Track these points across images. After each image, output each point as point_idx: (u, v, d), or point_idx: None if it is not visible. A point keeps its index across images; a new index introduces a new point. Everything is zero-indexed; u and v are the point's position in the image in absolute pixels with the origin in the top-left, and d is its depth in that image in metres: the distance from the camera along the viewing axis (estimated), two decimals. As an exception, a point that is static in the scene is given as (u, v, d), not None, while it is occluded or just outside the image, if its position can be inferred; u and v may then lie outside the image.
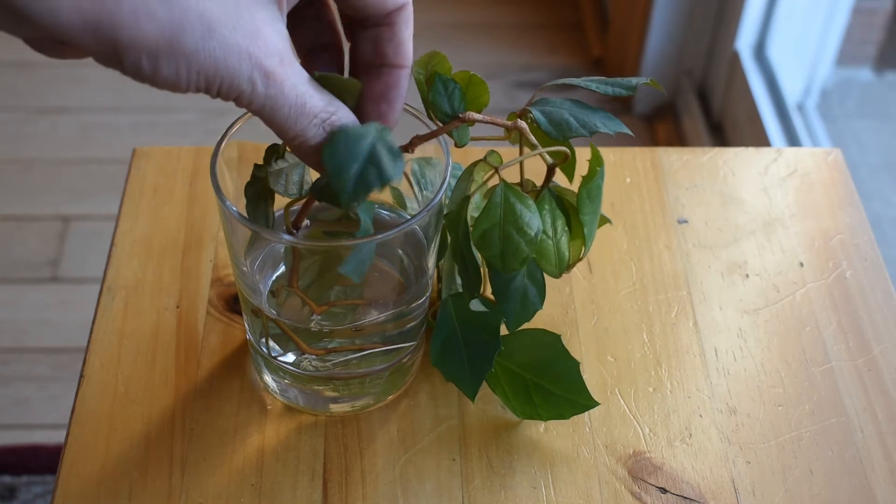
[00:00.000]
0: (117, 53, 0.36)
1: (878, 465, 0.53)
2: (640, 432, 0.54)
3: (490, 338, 0.50)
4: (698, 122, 1.59)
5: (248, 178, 0.47)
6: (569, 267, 0.52)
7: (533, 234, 0.48)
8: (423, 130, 0.47)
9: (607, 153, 0.67)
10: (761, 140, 1.41)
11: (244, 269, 0.50)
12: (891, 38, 1.59)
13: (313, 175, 0.48)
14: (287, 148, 0.46)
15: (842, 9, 1.44)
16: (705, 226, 0.64)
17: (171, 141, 1.63)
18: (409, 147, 0.46)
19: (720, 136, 1.56)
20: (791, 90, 1.47)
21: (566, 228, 0.51)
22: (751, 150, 0.69)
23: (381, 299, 0.53)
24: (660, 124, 1.67)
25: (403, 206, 0.54)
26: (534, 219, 0.48)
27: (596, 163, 0.50)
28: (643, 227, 0.64)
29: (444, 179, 0.47)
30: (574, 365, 0.52)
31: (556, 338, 0.52)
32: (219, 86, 0.38)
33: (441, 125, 0.47)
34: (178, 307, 0.58)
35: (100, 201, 1.53)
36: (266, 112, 0.40)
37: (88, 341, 0.56)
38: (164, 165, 0.66)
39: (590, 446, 0.53)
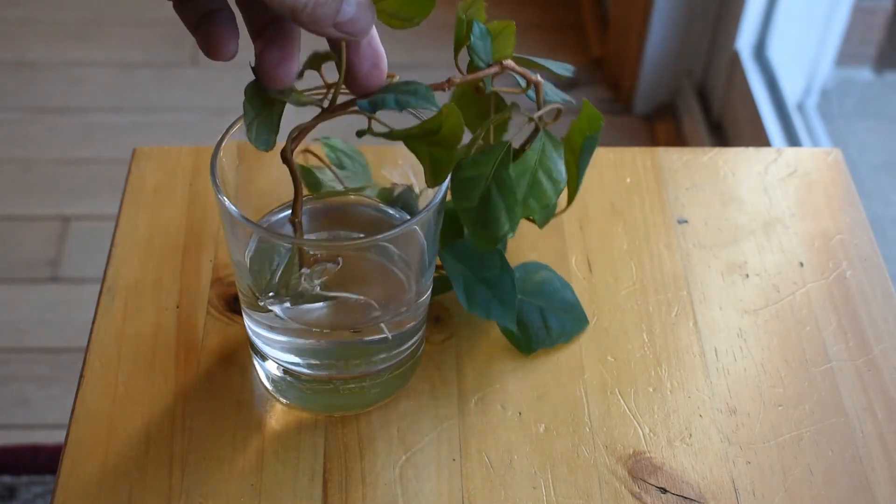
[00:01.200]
0: None
1: (878, 465, 0.53)
2: (640, 432, 0.54)
3: (502, 270, 0.54)
4: (698, 122, 1.59)
5: (248, 179, 0.47)
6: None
7: (561, 180, 0.50)
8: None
9: (607, 153, 0.67)
10: (761, 140, 1.41)
11: (244, 268, 0.50)
12: (891, 38, 1.59)
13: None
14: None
15: (842, 9, 1.44)
16: (705, 226, 0.64)
17: (171, 141, 1.62)
18: (445, 85, 0.47)
19: (720, 136, 1.56)
20: (791, 90, 1.47)
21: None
22: (751, 150, 0.69)
23: (382, 299, 0.53)
24: (660, 124, 1.67)
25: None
26: (563, 168, 0.50)
27: (598, 119, 0.52)
28: (643, 227, 0.64)
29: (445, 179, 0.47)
30: (568, 286, 0.58)
31: (546, 266, 0.58)
32: None
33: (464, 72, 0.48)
34: (178, 307, 0.58)
35: (100, 201, 1.53)
36: None
37: (88, 341, 0.56)
38: (164, 165, 0.66)
39: (590, 446, 0.53)
